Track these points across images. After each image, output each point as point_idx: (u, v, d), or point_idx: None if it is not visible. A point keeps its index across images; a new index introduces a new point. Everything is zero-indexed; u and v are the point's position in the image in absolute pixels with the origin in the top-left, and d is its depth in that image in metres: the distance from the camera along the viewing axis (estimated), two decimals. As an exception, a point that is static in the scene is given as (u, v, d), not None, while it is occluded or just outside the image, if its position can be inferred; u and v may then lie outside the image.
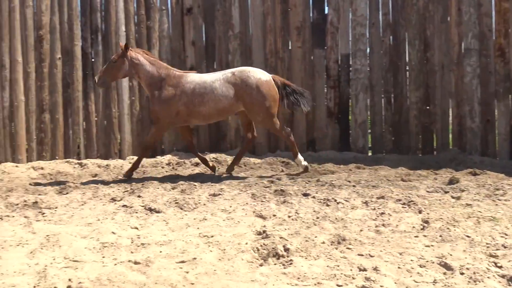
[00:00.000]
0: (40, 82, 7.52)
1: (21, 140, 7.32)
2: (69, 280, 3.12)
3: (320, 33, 7.96)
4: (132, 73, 6.40)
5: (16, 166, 6.91)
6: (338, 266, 3.30)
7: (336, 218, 4.29)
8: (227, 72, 6.42)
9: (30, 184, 6.00)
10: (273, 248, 3.55)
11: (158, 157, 7.59)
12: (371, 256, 3.43)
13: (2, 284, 3.11)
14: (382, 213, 4.40)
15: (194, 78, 6.39)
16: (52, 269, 3.29)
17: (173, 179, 6.07)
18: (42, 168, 6.87)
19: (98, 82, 6.35)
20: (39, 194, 5.29)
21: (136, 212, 4.59)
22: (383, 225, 4.13)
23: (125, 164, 7.19)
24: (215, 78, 6.32)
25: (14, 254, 3.60)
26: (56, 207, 4.79)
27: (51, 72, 7.54)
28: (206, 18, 8.25)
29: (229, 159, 7.09)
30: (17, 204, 4.85)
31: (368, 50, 7.89)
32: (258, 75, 6.33)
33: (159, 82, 6.31)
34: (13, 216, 4.48)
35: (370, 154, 7.73)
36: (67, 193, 5.40)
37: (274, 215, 4.42)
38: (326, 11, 8.04)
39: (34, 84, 7.49)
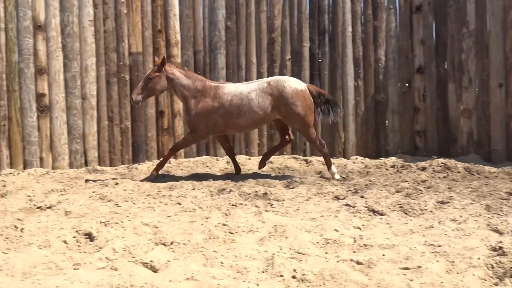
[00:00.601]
0: (271, 82, 8.02)
1: (254, 135, 7.88)
2: (294, 270, 3.20)
3: None
4: (168, 87, 6.35)
5: (249, 159, 7.45)
6: None
7: None
8: (263, 82, 6.33)
9: (260, 176, 6.42)
10: (511, 267, 3.16)
11: (382, 158, 7.47)
12: None
13: (235, 266, 3.35)
14: None
15: (231, 89, 6.33)
16: (278, 258, 3.41)
17: (397, 182, 5.87)
18: (271, 162, 7.27)
19: (135, 100, 6.19)
20: (268, 186, 5.58)
21: (359, 212, 4.54)
22: None
23: (349, 163, 7.25)
24: (251, 89, 6.26)
25: (246, 239, 3.85)
26: (283, 200, 4.98)
27: (281, 73, 7.91)
28: (437, 16, 7.82)
29: (460, 165, 6.60)
30: (249, 194, 5.18)
31: None
32: (294, 84, 6.25)
33: (195, 94, 6.26)
34: (246, 205, 4.79)
35: None
36: (293, 188, 5.59)
37: (513, 231, 3.94)
38: None
39: (265, 83, 8.02)
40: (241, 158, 7.43)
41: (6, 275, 3.21)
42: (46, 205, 4.86)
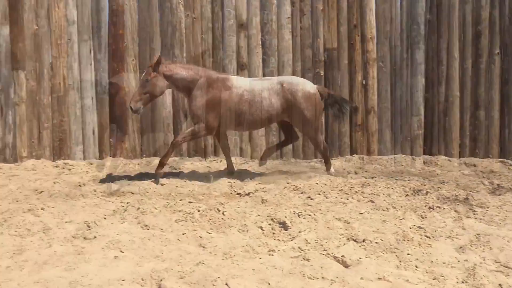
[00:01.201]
0: (475, 78, 7.42)
1: (455, 135, 7.42)
2: (499, 285, 2.97)
3: None
4: (169, 86, 5.84)
5: (449, 160, 7.01)
6: None
7: None
8: (276, 83, 6.00)
9: (462, 179, 5.99)
10: None
11: None
12: None
13: (431, 271, 3.19)
14: None
15: (241, 83, 5.95)
16: (481, 269, 3.19)
17: None
18: (474, 165, 6.81)
19: (135, 108, 5.62)
20: (471, 191, 5.18)
21: None
22: None
23: None
24: (263, 87, 5.94)
25: (443, 245, 3.65)
26: (487, 207, 4.58)
27: (488, 68, 7.34)
28: None
29: None
30: (448, 198, 4.86)
31: None
32: (307, 88, 6.01)
33: (200, 85, 5.80)
34: (444, 208, 4.51)
35: None
36: (499, 194, 5.10)
37: None
38: None
39: (469, 80, 7.44)
40: (439, 159, 7.00)
41: (209, 253, 3.49)
42: (244, 192, 5.17)
